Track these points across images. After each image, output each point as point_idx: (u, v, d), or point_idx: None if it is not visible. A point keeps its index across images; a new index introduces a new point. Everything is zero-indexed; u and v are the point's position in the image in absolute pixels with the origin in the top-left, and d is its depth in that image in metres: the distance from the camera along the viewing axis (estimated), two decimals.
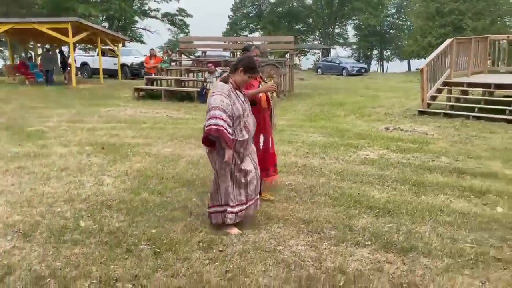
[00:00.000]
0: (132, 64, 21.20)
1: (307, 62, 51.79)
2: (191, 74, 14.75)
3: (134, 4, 43.28)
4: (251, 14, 56.25)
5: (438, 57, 9.57)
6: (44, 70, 17.93)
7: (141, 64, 19.01)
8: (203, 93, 12.56)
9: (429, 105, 9.49)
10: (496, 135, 7.23)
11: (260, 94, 3.86)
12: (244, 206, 3.43)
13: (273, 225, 3.58)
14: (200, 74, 13.77)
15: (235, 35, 52.38)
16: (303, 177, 4.96)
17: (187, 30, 46.42)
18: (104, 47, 20.63)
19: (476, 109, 8.71)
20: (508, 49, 11.79)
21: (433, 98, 9.71)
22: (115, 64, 21.03)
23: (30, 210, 3.81)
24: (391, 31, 55.79)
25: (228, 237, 3.32)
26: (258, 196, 3.60)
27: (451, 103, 9.40)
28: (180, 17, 46.35)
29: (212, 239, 3.27)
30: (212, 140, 3.26)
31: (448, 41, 9.71)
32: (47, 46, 21.26)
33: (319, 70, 30.65)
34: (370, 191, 4.44)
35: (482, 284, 2.67)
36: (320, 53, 48.86)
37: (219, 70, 12.66)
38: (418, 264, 2.93)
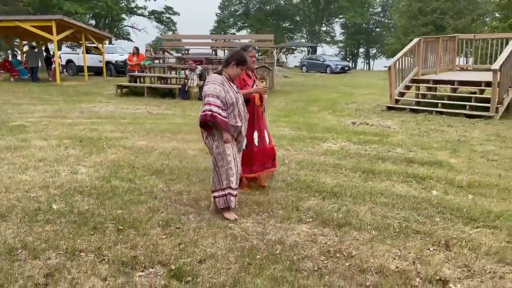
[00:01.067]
0: (117, 61, 21.41)
1: (294, 60, 52.33)
2: (174, 72, 15.06)
3: (121, 2, 43.33)
4: (238, 12, 56.59)
5: (407, 56, 10.06)
6: (29, 67, 18.10)
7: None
8: (185, 89, 12.91)
9: (397, 101, 9.97)
10: (452, 128, 7.72)
11: (253, 94, 4.13)
12: (238, 192, 3.74)
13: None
14: (181, 71, 14.09)
15: (222, 32, 52.66)
16: None
17: (174, 28, 46.66)
18: (89, 45, 20.84)
19: (439, 105, 9.21)
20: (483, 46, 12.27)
21: (402, 94, 10.20)
22: (100, 61, 21.26)
23: (7, 195, 4.15)
24: (377, 29, 56.59)
25: (186, 217, 3.71)
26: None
27: (417, 99, 9.90)
28: (167, 15, 46.55)
29: (172, 218, 3.66)
30: (208, 125, 3.52)
31: (415, 40, 10.20)
32: (33, 43, 21.37)
33: (304, 67, 31.14)
34: (323, 178, 4.86)
35: (399, 251, 3.11)
36: (307, 51, 49.37)
37: (199, 67, 13.02)
38: (348, 236, 3.35)
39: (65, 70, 22.72)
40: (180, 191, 4.35)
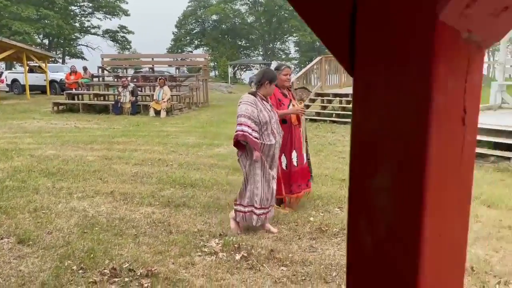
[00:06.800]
0: (61, 80, 21.83)
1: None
2: (111, 89, 15.81)
3: (75, 21, 43.58)
4: (194, 31, 57.85)
5: (311, 72, 11.34)
6: None
7: None
8: (118, 105, 13.68)
9: None
10: (333, 134, 8.94)
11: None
12: (266, 211, 3.73)
13: (96, 196, 4.85)
14: (116, 88, 14.87)
15: (179, 51, 53.69)
16: (150, 167, 6.27)
17: (129, 47, 47.18)
18: (33, 64, 21.23)
19: (333, 115, 10.49)
20: None
21: (307, 107, 11.43)
22: (45, 80, 21.64)
23: None
24: None
25: (55, 205, 4.55)
26: (274, 204, 3.90)
27: (318, 111, 11.16)
28: (121, 34, 47.05)
29: (42, 206, 4.49)
30: (242, 144, 3.62)
31: (318, 58, 11.52)
32: None
33: (252, 84, 32.45)
34: (193, 174, 5.82)
35: (209, 219, 4.08)
36: (261, 68, 51.10)
37: (132, 84, 13.86)
38: (179, 213, 4.30)
39: (9, 89, 22.90)
40: (61, 187, 5.18)
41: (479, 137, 6.62)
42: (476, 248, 3.38)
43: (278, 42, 58.03)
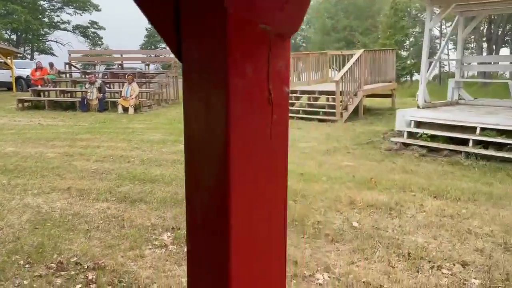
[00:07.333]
0: (27, 76, 21.25)
1: None
2: (79, 85, 15.52)
3: (44, 16, 42.47)
4: None
5: None
6: None
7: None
8: (85, 102, 13.45)
9: None
10: (299, 130, 9.09)
11: None
12: None
13: (52, 192, 4.81)
14: (84, 85, 14.62)
15: (153, 47, 53.03)
16: (111, 164, 6.24)
17: (100, 42, 46.25)
18: None
19: (300, 112, 10.63)
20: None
21: None
22: (11, 76, 21.03)
23: None
24: (304, 44, 59.79)
25: (8, 202, 4.49)
26: None
27: None
28: (92, 30, 46.10)
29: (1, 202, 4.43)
30: None
31: None
32: None
33: None
34: (154, 170, 5.83)
35: (163, 214, 4.12)
36: None
37: (99, 80, 13.66)
38: (134, 208, 4.32)
39: None
40: (17, 184, 5.11)
41: (434, 132, 6.88)
42: (417, 236, 3.55)
43: None
